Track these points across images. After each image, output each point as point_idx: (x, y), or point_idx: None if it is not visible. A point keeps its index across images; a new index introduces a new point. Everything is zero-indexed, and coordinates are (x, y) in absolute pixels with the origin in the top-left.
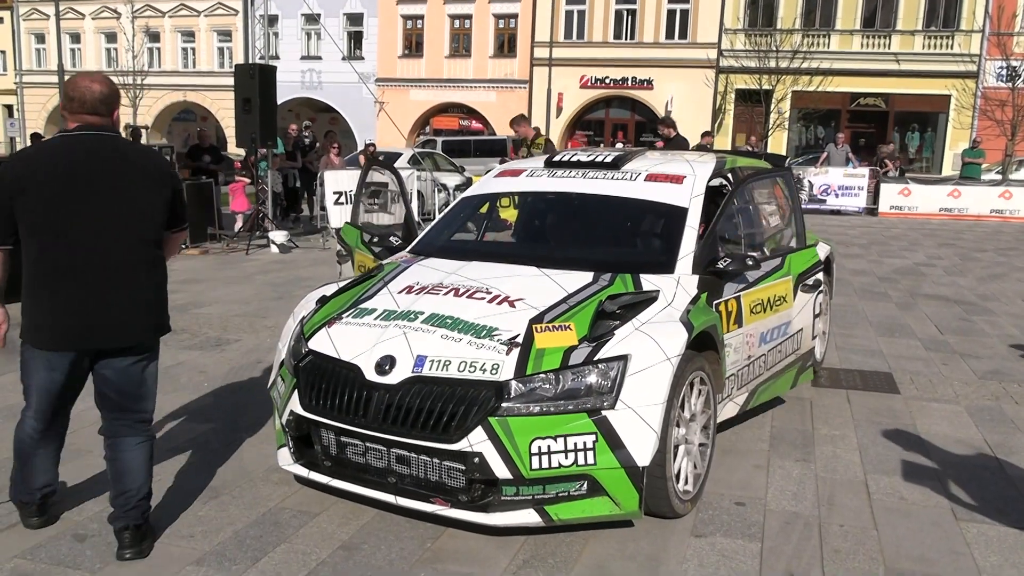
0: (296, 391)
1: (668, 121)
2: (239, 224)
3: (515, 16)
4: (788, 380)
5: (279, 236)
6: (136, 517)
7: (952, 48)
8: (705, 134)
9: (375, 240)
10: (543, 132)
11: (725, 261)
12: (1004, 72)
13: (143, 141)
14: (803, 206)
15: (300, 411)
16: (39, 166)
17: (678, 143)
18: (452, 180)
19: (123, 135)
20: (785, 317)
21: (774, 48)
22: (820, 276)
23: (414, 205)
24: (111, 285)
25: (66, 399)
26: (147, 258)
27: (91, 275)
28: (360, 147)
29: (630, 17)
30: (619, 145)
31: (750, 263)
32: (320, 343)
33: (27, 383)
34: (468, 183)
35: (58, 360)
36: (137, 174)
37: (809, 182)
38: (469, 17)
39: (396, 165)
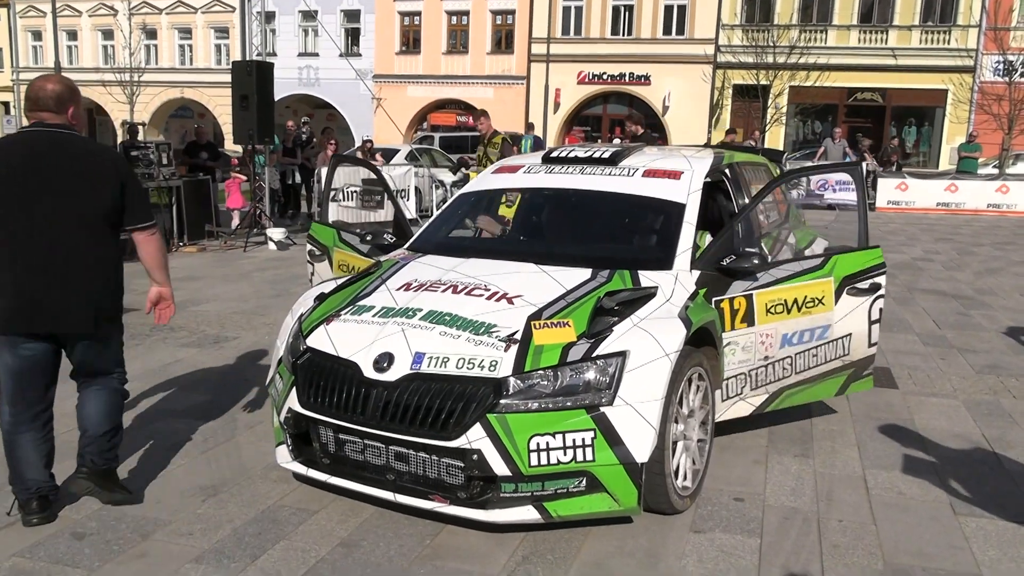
0: (294, 388)
1: (635, 117)
2: (236, 221)
3: (512, 12)
4: (832, 386)
5: (277, 233)
6: (94, 454)
7: (949, 43)
8: (729, 132)
9: (367, 238)
10: (536, 128)
11: (730, 258)
12: (1001, 66)
13: (140, 138)
14: (800, 201)
15: (298, 408)
16: None
17: (646, 140)
18: (449, 176)
19: (120, 132)
20: (822, 320)
21: (771, 44)
22: (880, 280)
23: (412, 201)
24: (53, 274)
25: (35, 383)
26: (92, 249)
27: (34, 264)
28: (357, 143)
29: (627, 13)
30: (616, 141)
31: (756, 261)
32: (318, 340)
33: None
34: (465, 180)
35: (16, 341)
36: (82, 168)
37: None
38: (466, 13)
39: (393, 161)
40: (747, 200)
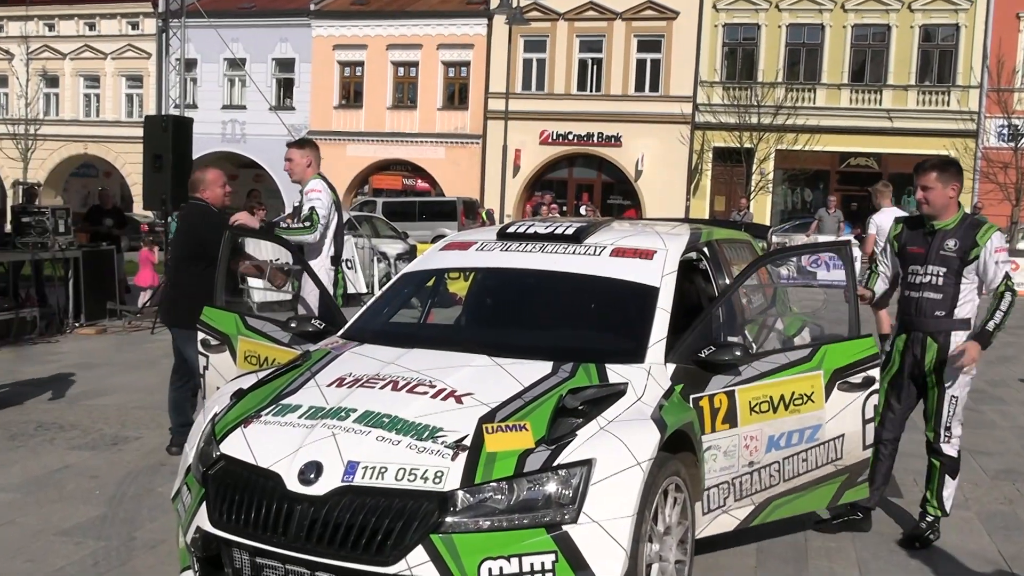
0: (204, 503)
1: None
2: (144, 299)
3: (467, 64)
4: (824, 495)
5: None
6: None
7: (948, 104)
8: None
9: (290, 325)
10: (495, 194)
11: (709, 349)
12: (1006, 131)
13: (37, 201)
14: (791, 280)
15: (208, 527)
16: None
17: None
18: (394, 248)
19: (11, 194)
20: (812, 420)
21: (755, 103)
22: (873, 373)
23: (360, 273)
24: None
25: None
26: (176, 277)
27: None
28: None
29: (596, 67)
30: (583, 209)
31: (738, 352)
32: (234, 446)
33: None
34: (412, 252)
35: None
36: (182, 225)
37: None
38: (415, 65)
39: None
40: (728, 282)
